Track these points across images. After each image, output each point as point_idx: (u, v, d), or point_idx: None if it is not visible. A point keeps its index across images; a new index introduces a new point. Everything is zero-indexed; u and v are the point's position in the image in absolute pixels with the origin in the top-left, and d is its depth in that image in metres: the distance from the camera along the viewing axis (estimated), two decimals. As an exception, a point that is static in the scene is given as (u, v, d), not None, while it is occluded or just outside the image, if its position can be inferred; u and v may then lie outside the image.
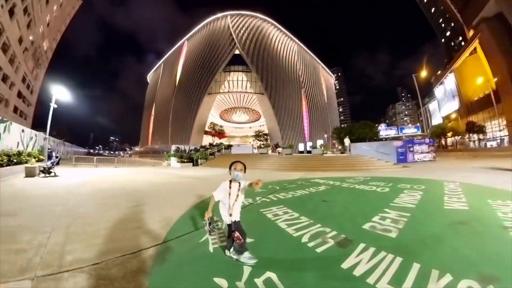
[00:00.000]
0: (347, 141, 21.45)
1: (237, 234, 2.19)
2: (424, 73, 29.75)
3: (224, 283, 1.89)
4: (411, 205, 4.46)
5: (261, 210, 4.29)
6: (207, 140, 59.65)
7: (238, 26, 72.53)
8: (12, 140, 13.58)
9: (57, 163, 10.92)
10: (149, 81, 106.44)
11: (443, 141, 53.74)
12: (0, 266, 2.06)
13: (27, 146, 15.49)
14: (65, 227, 3.21)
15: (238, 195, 2.36)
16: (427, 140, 18.75)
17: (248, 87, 68.87)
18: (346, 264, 2.19)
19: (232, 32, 69.62)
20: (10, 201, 4.77)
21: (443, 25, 67.23)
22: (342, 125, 70.96)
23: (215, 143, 32.23)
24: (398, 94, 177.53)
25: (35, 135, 17.20)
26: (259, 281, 1.91)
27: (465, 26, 52.01)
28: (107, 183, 8.23)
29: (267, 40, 74.93)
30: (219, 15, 76.65)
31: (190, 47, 79.79)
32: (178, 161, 20.42)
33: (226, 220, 2.34)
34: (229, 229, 2.33)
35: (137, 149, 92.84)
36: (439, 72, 69.42)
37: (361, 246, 2.57)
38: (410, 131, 58.65)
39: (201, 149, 25.64)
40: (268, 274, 2.00)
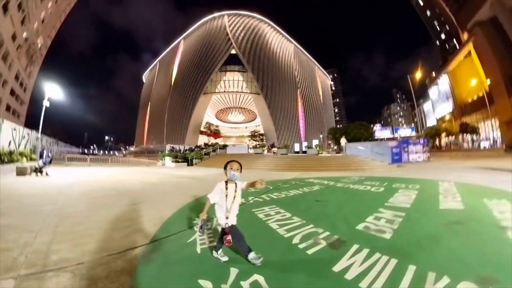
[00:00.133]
0: (344, 141, 21.44)
1: (229, 238, 2.12)
2: (419, 75, 30.07)
3: (209, 285, 1.81)
4: (406, 205, 4.40)
5: (253, 210, 4.21)
6: (203, 140, 59.23)
7: (235, 26, 72.31)
8: (4, 139, 13.29)
9: (49, 163, 10.93)
10: (145, 80, 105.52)
11: (437, 142, 54.39)
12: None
13: (19, 145, 15.17)
14: (53, 227, 3.20)
15: (235, 197, 2.24)
16: (422, 141, 18.85)
17: (244, 87, 68.61)
18: (338, 267, 2.09)
19: (229, 32, 69.35)
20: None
21: (438, 28, 67.93)
22: (338, 126, 71.16)
23: (211, 143, 32.01)
24: (393, 96, 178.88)
25: (27, 134, 16.91)
26: (246, 284, 1.83)
27: (460, 29, 52.63)
28: (99, 183, 8.24)
29: (264, 40, 74.80)
30: (216, 15, 76.25)
31: (186, 47, 79.26)
32: (173, 161, 20.25)
33: (222, 223, 2.21)
34: (222, 232, 2.21)
35: (132, 149, 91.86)
36: (434, 74, 70.27)
37: (354, 248, 2.47)
38: (405, 132, 59.31)
39: (196, 149, 25.44)
40: (256, 277, 1.92)
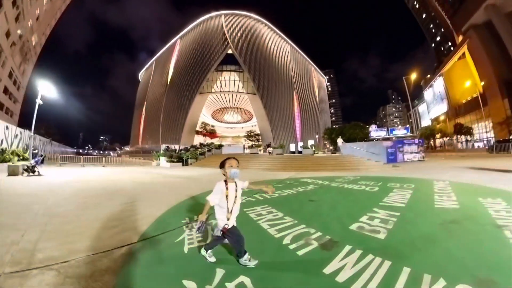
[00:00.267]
0: (340, 141, 21.43)
1: (226, 226, 2.05)
2: (414, 76, 30.24)
3: (193, 286, 1.75)
4: (401, 204, 4.31)
5: (245, 210, 4.09)
6: (199, 140, 58.86)
7: (232, 26, 72.10)
8: (-4, 137, 13.00)
9: (42, 162, 10.84)
10: (141, 80, 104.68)
11: (432, 142, 54.94)
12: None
13: (12, 144, 14.87)
14: (41, 225, 3.18)
15: (236, 197, 2.13)
16: (417, 141, 18.90)
17: (240, 87, 68.41)
18: (329, 269, 1.98)
19: (226, 32, 69.13)
20: (-11, 200, 4.67)
21: (434, 31, 68.71)
22: (334, 126, 71.32)
23: (206, 143, 31.81)
24: (389, 97, 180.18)
25: (20, 133, 16.62)
26: (231, 286, 1.76)
27: (455, 32, 53.32)
28: (91, 183, 8.17)
29: (260, 41, 74.74)
30: (213, 14, 75.95)
31: (183, 46, 78.80)
32: (168, 161, 20.02)
33: (221, 225, 2.07)
34: (222, 235, 2.09)
35: (128, 149, 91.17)
36: (429, 76, 71.09)
37: (347, 249, 2.37)
38: (400, 132, 59.80)
39: (191, 149, 25.23)
40: (242, 279, 1.84)
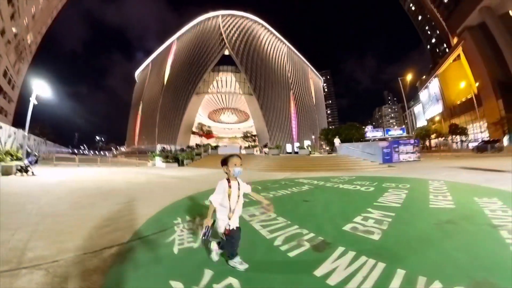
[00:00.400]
0: (337, 142, 21.41)
1: (229, 228, 1.98)
2: (410, 78, 30.41)
3: (180, 287, 1.73)
4: (396, 204, 4.26)
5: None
6: (195, 141, 58.55)
7: (229, 27, 72.05)
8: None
9: (36, 162, 10.71)
10: (137, 80, 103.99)
11: (427, 143, 55.35)
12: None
13: (5, 144, 14.70)
14: (33, 225, 3.17)
15: (239, 196, 2.05)
16: (412, 141, 18.98)
17: (237, 88, 68.39)
18: (320, 271, 1.90)
19: (223, 32, 69.04)
20: (-19, 199, 4.60)
21: (429, 33, 69.30)
22: (330, 127, 71.54)
23: (202, 144, 31.62)
24: (385, 98, 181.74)
25: (14, 133, 16.43)
26: (219, 287, 1.72)
27: (450, 34, 53.79)
28: (86, 183, 8.07)
29: (257, 41, 74.80)
30: (210, 15, 75.78)
31: (180, 46, 78.51)
32: (163, 161, 19.87)
33: (222, 226, 1.98)
34: (226, 237, 1.99)
35: (123, 149, 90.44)
36: (424, 77, 71.73)
37: (340, 250, 2.29)
38: (396, 133, 60.15)
39: (188, 150, 25.05)
40: (230, 280, 1.80)
